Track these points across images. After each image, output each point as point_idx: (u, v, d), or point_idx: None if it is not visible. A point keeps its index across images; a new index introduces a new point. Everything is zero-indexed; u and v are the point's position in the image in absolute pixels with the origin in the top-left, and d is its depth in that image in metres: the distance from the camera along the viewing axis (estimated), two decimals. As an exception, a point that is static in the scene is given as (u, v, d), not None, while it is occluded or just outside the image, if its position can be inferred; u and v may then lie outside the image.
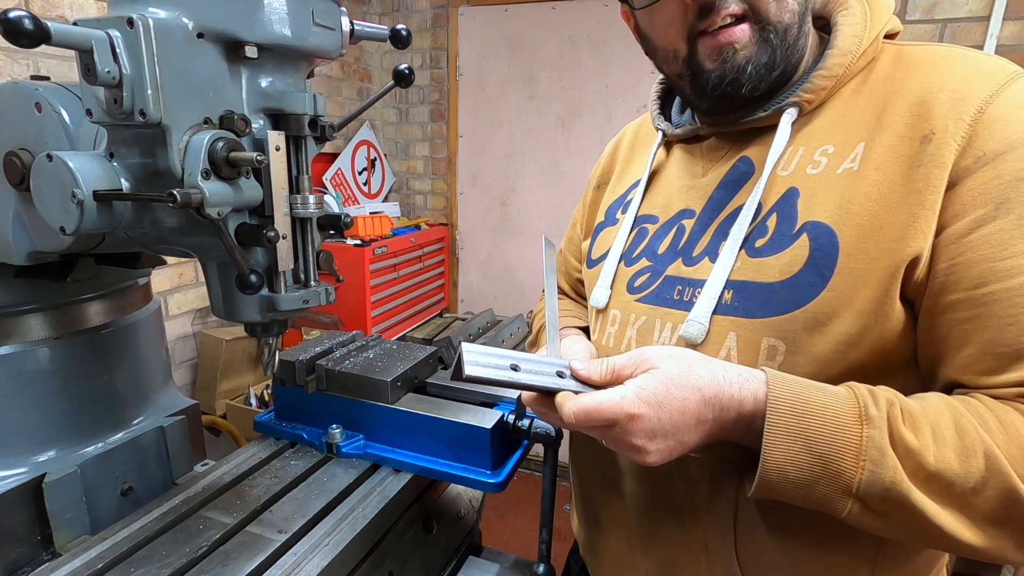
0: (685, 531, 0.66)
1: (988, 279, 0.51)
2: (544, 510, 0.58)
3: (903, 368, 0.59)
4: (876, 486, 0.49)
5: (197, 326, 2.35)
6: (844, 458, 0.49)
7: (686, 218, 0.70)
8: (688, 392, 0.51)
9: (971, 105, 0.54)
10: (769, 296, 0.59)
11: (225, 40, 0.54)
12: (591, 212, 0.91)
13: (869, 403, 0.51)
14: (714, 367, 0.53)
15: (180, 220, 0.58)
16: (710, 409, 0.52)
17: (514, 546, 2.42)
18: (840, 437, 0.50)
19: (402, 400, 0.84)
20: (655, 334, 0.68)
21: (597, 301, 0.76)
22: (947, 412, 0.51)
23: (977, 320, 0.52)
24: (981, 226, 0.52)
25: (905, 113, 0.57)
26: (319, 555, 0.64)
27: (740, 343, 0.61)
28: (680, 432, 0.52)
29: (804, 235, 0.59)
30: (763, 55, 0.60)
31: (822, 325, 0.57)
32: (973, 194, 0.53)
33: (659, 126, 0.77)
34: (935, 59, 0.59)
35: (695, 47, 0.62)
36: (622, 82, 2.91)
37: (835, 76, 0.62)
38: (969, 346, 0.53)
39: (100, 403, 0.79)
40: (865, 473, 0.49)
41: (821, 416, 0.51)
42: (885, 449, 0.49)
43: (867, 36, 0.62)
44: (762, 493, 0.53)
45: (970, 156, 0.53)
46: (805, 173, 0.61)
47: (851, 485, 0.49)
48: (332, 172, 3.07)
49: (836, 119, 0.62)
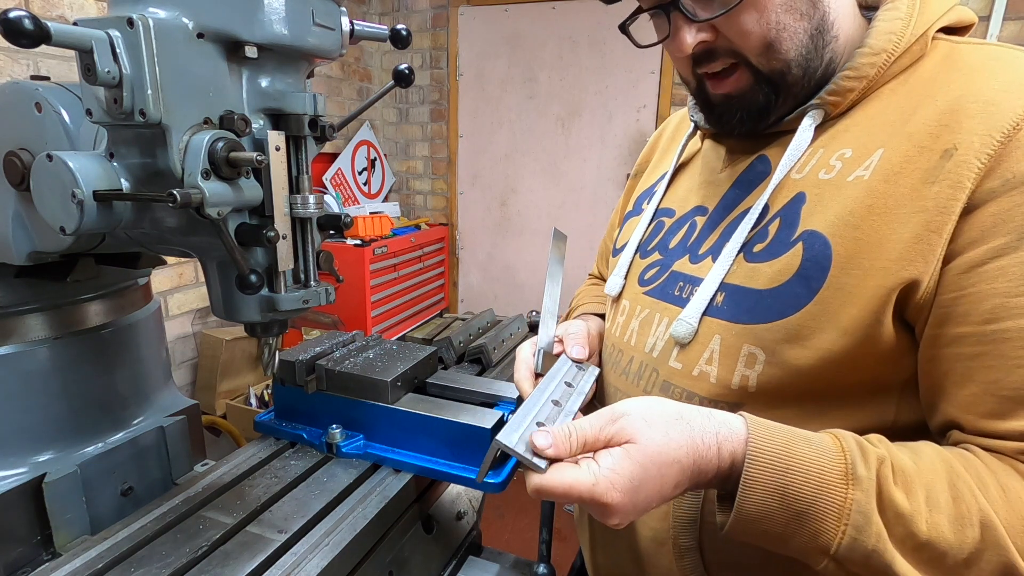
0: (653, 522, 0.67)
1: (1001, 315, 0.47)
2: (544, 510, 0.58)
3: (898, 392, 0.56)
4: (856, 552, 0.46)
5: (197, 326, 2.35)
6: (825, 519, 0.46)
7: (699, 215, 0.70)
8: (667, 468, 0.47)
9: (1004, 120, 0.48)
10: (756, 303, 0.58)
11: (225, 40, 0.54)
12: (625, 200, 0.93)
13: (858, 461, 0.47)
14: (692, 428, 0.49)
15: (180, 220, 0.58)
16: (688, 477, 0.49)
17: (514, 546, 2.42)
18: (823, 497, 0.46)
19: (402, 400, 0.84)
20: (652, 327, 0.68)
21: (610, 289, 0.77)
22: (943, 472, 0.48)
23: (983, 358, 0.49)
24: (999, 256, 0.47)
25: (931, 122, 0.53)
26: (319, 555, 0.64)
27: (723, 347, 0.60)
28: (653, 502, 0.49)
29: (800, 244, 0.56)
30: (755, 103, 0.61)
31: (803, 339, 0.54)
32: (995, 220, 0.48)
33: (693, 117, 0.76)
34: (982, 61, 0.54)
35: (702, 82, 0.64)
36: (622, 82, 2.91)
37: (864, 77, 0.57)
38: (972, 384, 0.50)
39: (100, 403, 0.79)
40: (846, 538, 0.46)
41: (804, 473, 0.47)
42: (870, 515, 0.46)
43: (909, 33, 0.56)
44: (734, 535, 0.50)
45: (997, 178, 0.48)
46: (817, 178, 0.58)
47: (828, 546, 0.46)
48: (332, 172, 3.07)
49: (865, 120, 0.58)
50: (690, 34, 0.58)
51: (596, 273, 1.06)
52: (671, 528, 0.64)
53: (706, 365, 0.61)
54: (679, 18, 0.58)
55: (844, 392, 0.56)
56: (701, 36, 0.58)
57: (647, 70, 2.86)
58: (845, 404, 0.56)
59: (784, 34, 0.56)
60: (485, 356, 1.34)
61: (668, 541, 0.65)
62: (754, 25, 0.56)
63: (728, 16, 0.56)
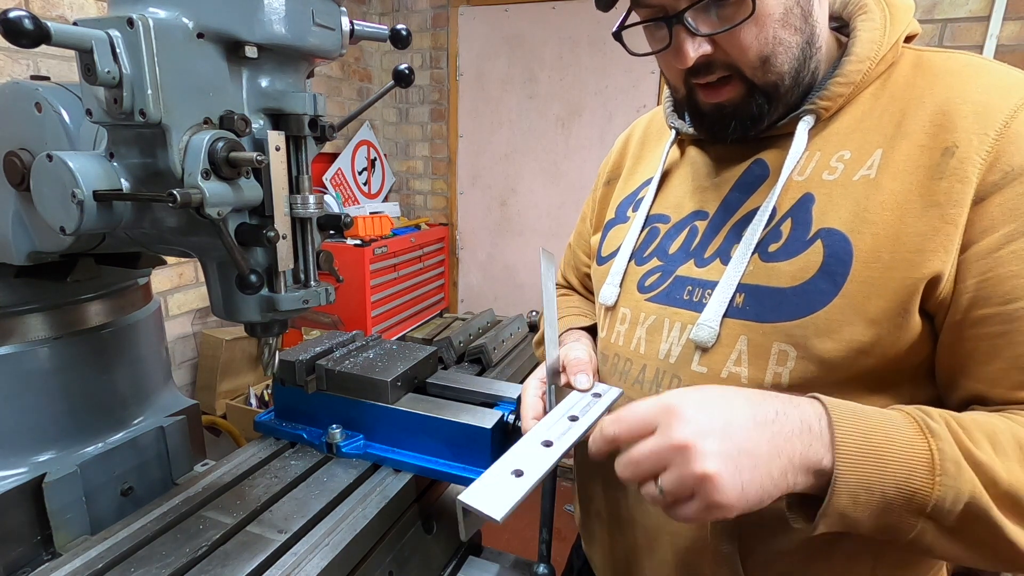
0: (690, 532, 0.66)
1: (1019, 294, 0.51)
2: (544, 510, 0.58)
3: (911, 376, 0.58)
4: (955, 504, 0.46)
5: (197, 326, 2.35)
6: (916, 475, 0.46)
7: (699, 219, 0.70)
8: (731, 394, 0.50)
9: (996, 119, 0.53)
10: (781, 301, 0.59)
11: (225, 40, 0.54)
12: (601, 208, 0.91)
13: (925, 417, 0.49)
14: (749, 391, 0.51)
15: (180, 220, 0.58)
16: (763, 408, 0.49)
17: (514, 546, 2.42)
18: (909, 453, 0.47)
19: (402, 400, 0.84)
20: (664, 333, 0.68)
21: (606, 298, 0.76)
22: (1000, 425, 0.49)
23: (1008, 335, 0.52)
24: (1011, 241, 0.51)
25: (926, 123, 0.57)
26: (319, 555, 0.64)
27: (751, 347, 0.60)
28: (737, 433, 0.47)
29: (818, 241, 0.58)
30: (748, 112, 0.62)
31: (833, 332, 0.56)
32: (1002, 209, 0.52)
33: (673, 124, 0.77)
34: (958, 68, 0.59)
35: (693, 91, 0.65)
36: (622, 82, 2.91)
37: (852, 83, 0.61)
38: (998, 360, 0.53)
39: (100, 403, 0.79)
40: (942, 489, 0.46)
41: (884, 433, 0.48)
42: (960, 463, 0.46)
43: (886, 41, 0.61)
44: (829, 524, 0.48)
45: (997, 171, 0.52)
46: (821, 179, 0.61)
47: (925, 504, 0.46)
48: (332, 172, 3.07)
49: (853, 124, 0.62)
50: (692, 47, 0.58)
51: (563, 282, 1.04)
52: (710, 536, 0.64)
53: (735, 366, 0.61)
54: (681, 31, 0.58)
55: (867, 378, 0.57)
56: (702, 50, 0.59)
57: (647, 70, 2.85)
58: (867, 390, 0.58)
59: (780, 48, 0.59)
60: (485, 356, 1.34)
61: (707, 549, 0.65)
62: (753, 40, 0.58)
63: (729, 31, 0.57)
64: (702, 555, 0.65)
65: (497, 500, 0.49)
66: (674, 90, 0.68)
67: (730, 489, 0.45)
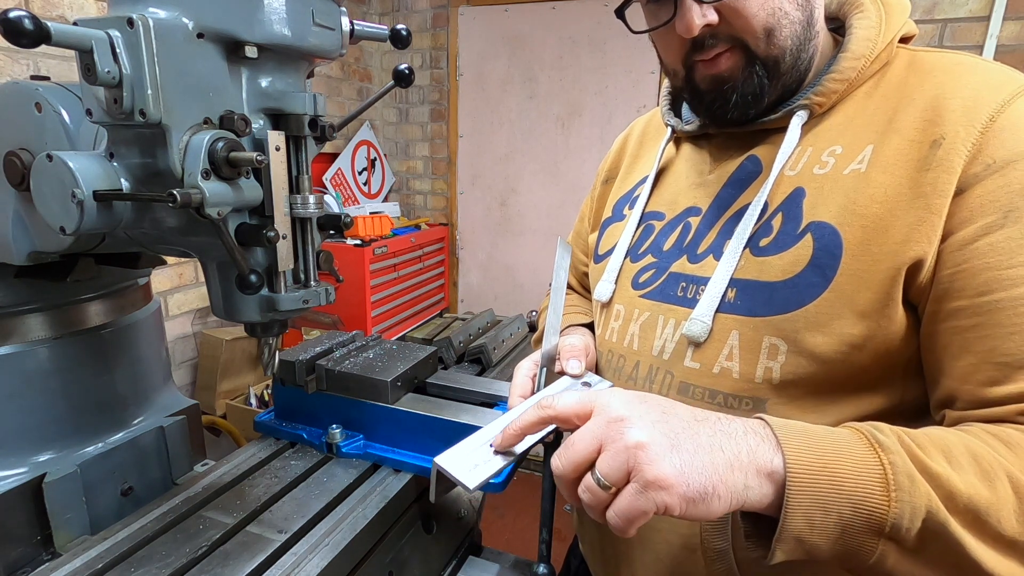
0: (683, 528, 0.66)
1: (993, 287, 0.51)
2: (544, 510, 0.58)
3: (903, 372, 0.58)
4: (913, 519, 0.44)
5: (197, 326, 2.35)
6: (870, 491, 0.44)
7: (692, 215, 0.71)
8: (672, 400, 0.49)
9: (983, 113, 0.54)
10: (771, 295, 0.60)
11: (225, 40, 0.54)
12: (598, 207, 0.91)
13: (874, 431, 0.47)
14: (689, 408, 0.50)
15: (180, 220, 0.58)
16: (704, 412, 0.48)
17: (514, 546, 2.42)
18: (860, 469, 0.45)
19: (402, 400, 0.84)
20: (657, 330, 0.68)
21: (601, 295, 0.77)
22: (954, 439, 0.48)
23: (979, 328, 0.52)
24: (988, 233, 0.52)
25: (916, 117, 0.57)
26: (319, 555, 0.64)
27: (742, 341, 0.61)
28: (674, 421, 0.46)
29: (808, 235, 0.59)
30: (749, 86, 0.62)
31: (823, 326, 0.57)
32: (981, 201, 0.52)
33: (669, 122, 0.78)
34: (949, 66, 0.59)
35: (692, 71, 0.65)
36: (622, 82, 2.91)
37: (847, 80, 0.62)
38: (970, 355, 0.52)
39: (100, 403, 0.79)
40: (898, 505, 0.43)
41: (833, 448, 0.46)
42: (914, 475, 0.44)
43: (881, 40, 0.62)
44: (787, 551, 0.46)
45: (980, 163, 0.53)
46: (812, 173, 0.61)
47: (883, 523, 0.44)
48: (332, 172, 3.07)
49: (846, 121, 0.62)
50: (698, 15, 0.59)
51: None
52: (701, 532, 0.64)
53: (726, 361, 0.62)
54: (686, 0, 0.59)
55: (858, 374, 0.57)
56: (708, 18, 0.59)
57: (647, 70, 2.86)
58: (858, 387, 0.58)
59: (784, 21, 0.60)
60: (485, 356, 1.34)
61: (699, 547, 0.65)
62: (759, 9, 0.59)
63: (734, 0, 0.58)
64: (695, 552, 0.65)
65: (471, 470, 0.51)
66: (672, 75, 0.68)
67: (665, 463, 0.43)
